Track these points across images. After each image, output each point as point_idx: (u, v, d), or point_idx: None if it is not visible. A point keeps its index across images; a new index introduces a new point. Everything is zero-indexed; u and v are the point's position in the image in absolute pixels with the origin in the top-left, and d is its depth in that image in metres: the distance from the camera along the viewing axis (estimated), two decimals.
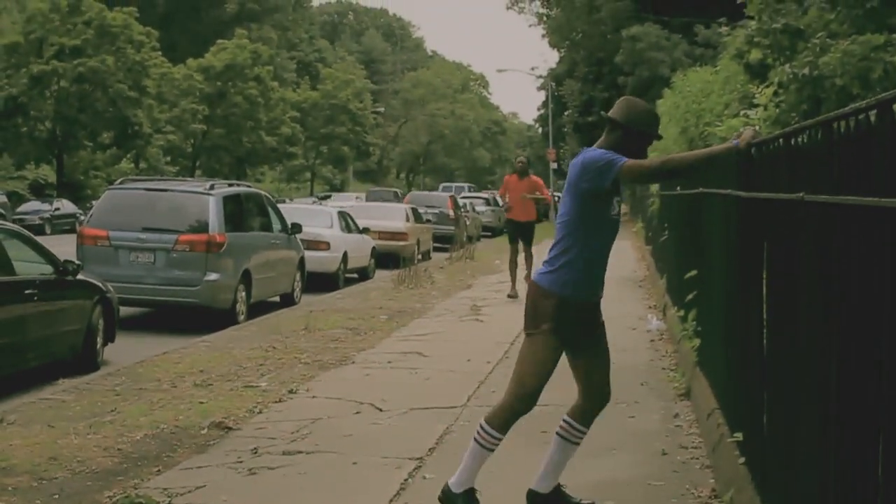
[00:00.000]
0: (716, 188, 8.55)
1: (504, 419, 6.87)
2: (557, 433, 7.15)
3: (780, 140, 5.63)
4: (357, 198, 60.69)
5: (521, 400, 6.84)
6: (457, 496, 6.93)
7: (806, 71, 10.41)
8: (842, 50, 10.26)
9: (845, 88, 10.15)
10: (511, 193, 21.65)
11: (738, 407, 7.19)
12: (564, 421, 7.13)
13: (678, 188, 13.89)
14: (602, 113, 7.14)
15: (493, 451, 6.93)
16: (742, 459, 6.83)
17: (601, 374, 7.09)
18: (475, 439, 6.91)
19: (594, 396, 7.09)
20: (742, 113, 12.13)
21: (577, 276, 6.68)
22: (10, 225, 14.54)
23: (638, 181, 6.63)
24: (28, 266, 12.90)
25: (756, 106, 11.38)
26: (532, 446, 8.26)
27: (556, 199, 78.54)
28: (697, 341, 10.67)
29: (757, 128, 7.61)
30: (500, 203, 24.10)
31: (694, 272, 10.92)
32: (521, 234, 21.76)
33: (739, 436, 6.99)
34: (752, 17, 12.88)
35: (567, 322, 6.70)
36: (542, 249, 8.98)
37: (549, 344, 6.75)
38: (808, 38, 11.31)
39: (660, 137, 7.23)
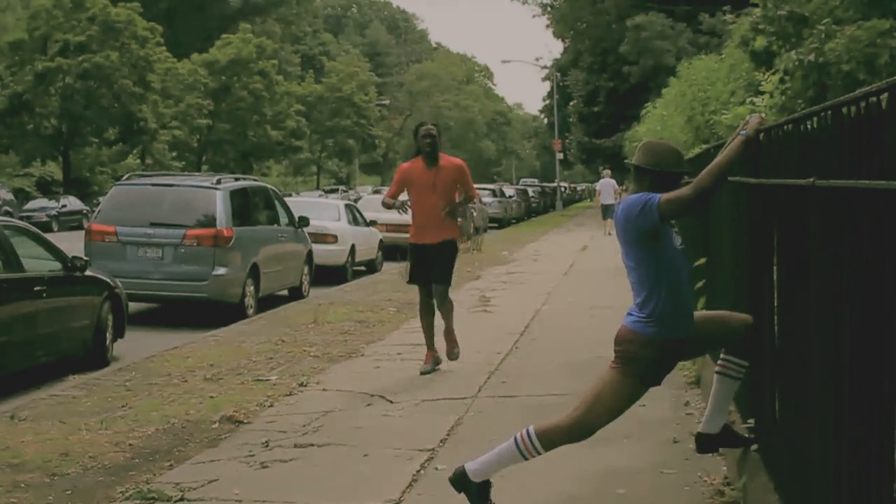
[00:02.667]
0: None
1: (555, 440, 6.82)
2: (717, 371, 7.05)
3: (790, 126, 5.61)
4: (376, 191, 60.86)
5: (582, 429, 6.80)
6: (472, 484, 6.89)
7: (812, 57, 10.40)
8: (847, 36, 10.25)
9: (851, 74, 10.14)
10: (413, 194, 12.26)
11: (750, 394, 7.18)
12: (723, 358, 7.00)
13: (686, 177, 13.84)
14: (626, 162, 7.12)
15: (528, 460, 6.87)
16: (754, 446, 6.82)
17: (722, 325, 6.95)
18: (517, 442, 6.81)
19: (737, 328, 6.94)
20: (748, 100, 12.14)
21: (672, 316, 6.55)
22: (18, 222, 14.55)
23: (681, 212, 6.54)
24: (36, 263, 12.92)
25: (762, 93, 11.38)
26: None
27: (564, 189, 78.11)
28: None
29: (763, 115, 7.57)
30: (401, 209, 12.22)
31: (702, 260, 10.91)
32: (431, 264, 12.17)
33: (751, 422, 6.99)
34: (756, 5, 12.87)
35: (662, 367, 6.66)
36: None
37: (632, 390, 6.69)
38: (814, 25, 11.30)
39: (688, 172, 7.15)
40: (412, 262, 12.42)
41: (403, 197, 12.35)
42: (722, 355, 7.05)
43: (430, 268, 12.15)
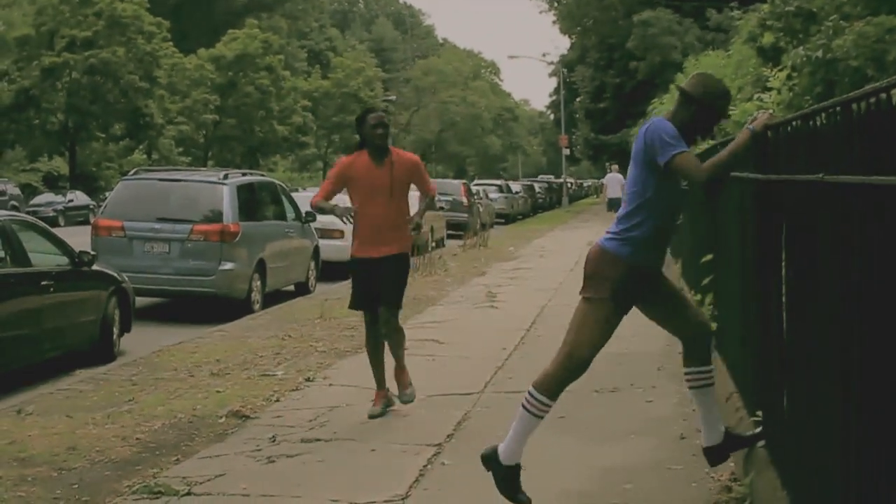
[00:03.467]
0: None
1: (554, 386, 6.77)
2: (690, 387, 7.12)
3: (798, 122, 5.61)
4: None
5: (573, 369, 6.75)
6: (503, 467, 6.84)
7: (819, 53, 10.39)
8: (856, 32, 10.24)
9: (859, 70, 10.12)
10: (357, 196, 10.01)
11: (758, 390, 7.18)
12: (686, 373, 7.05)
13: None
14: (675, 85, 7.15)
15: (542, 419, 6.82)
16: (762, 442, 6.82)
17: (684, 310, 7.02)
18: (524, 407, 6.78)
19: (693, 333, 7.00)
20: (755, 96, 12.12)
21: (646, 244, 6.66)
22: (25, 216, 14.57)
23: (683, 177, 6.58)
24: (44, 257, 12.93)
25: (769, 89, 11.37)
26: (553, 433, 8.25)
27: (570, 186, 78.16)
28: (714, 325, 10.63)
29: (771, 111, 7.57)
30: (345, 217, 9.79)
31: (709, 256, 10.90)
32: (377, 284, 9.96)
33: (759, 418, 6.98)
34: (764, 1, 12.86)
35: (628, 289, 6.67)
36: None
37: (607, 312, 6.68)
38: (821, 21, 11.29)
39: (728, 117, 7.17)
40: (354, 281, 10.26)
41: (340, 200, 9.91)
42: (686, 369, 7.10)
43: (377, 288, 9.86)
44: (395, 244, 9.95)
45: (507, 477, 6.82)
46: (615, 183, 43.59)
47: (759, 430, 6.91)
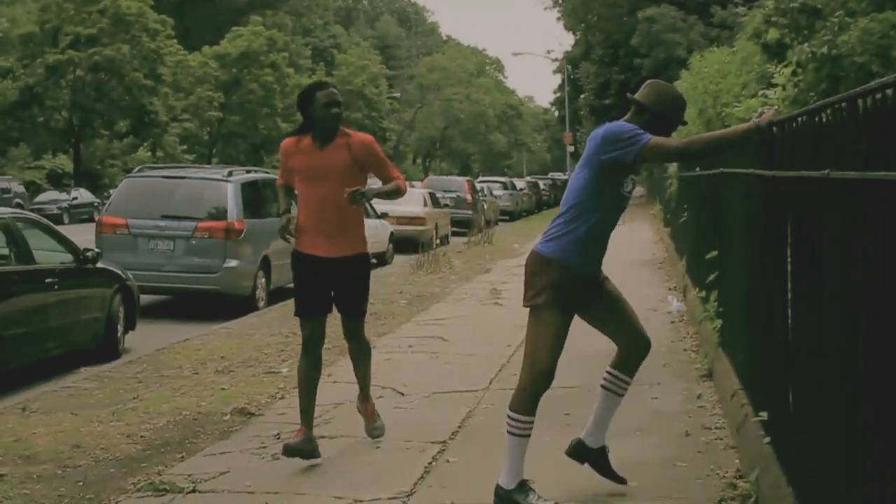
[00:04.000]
0: (736, 168, 8.51)
1: (526, 401, 6.79)
2: (602, 385, 7.18)
3: (804, 118, 5.60)
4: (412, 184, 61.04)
5: (538, 379, 6.78)
6: (511, 492, 6.84)
7: (824, 50, 10.36)
8: (861, 28, 10.21)
9: (864, 66, 10.10)
10: (301, 184, 8.54)
11: (763, 387, 7.17)
12: (608, 372, 7.12)
13: (697, 168, 13.85)
14: (628, 95, 7.12)
15: (528, 436, 6.84)
16: (767, 439, 6.80)
17: (625, 320, 7.06)
18: (508, 432, 6.81)
19: (631, 343, 7.06)
20: (760, 93, 12.09)
21: (581, 247, 6.68)
22: (29, 214, 14.59)
23: (660, 160, 6.65)
24: (48, 255, 12.94)
25: (774, 86, 11.33)
26: (557, 430, 8.25)
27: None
28: (719, 322, 10.64)
29: (777, 107, 7.57)
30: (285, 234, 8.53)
31: (715, 253, 10.89)
32: (327, 288, 8.50)
33: (764, 415, 6.97)
34: None
35: (567, 291, 6.67)
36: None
37: (553, 317, 6.71)
38: (826, 17, 11.25)
39: (685, 123, 7.20)
40: (300, 282, 8.53)
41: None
42: (608, 369, 7.16)
43: (328, 294, 8.39)
44: (352, 243, 8.41)
45: (520, 490, 6.86)
46: None
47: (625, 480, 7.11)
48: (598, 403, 7.25)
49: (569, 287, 6.68)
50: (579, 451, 7.32)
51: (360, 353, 8.83)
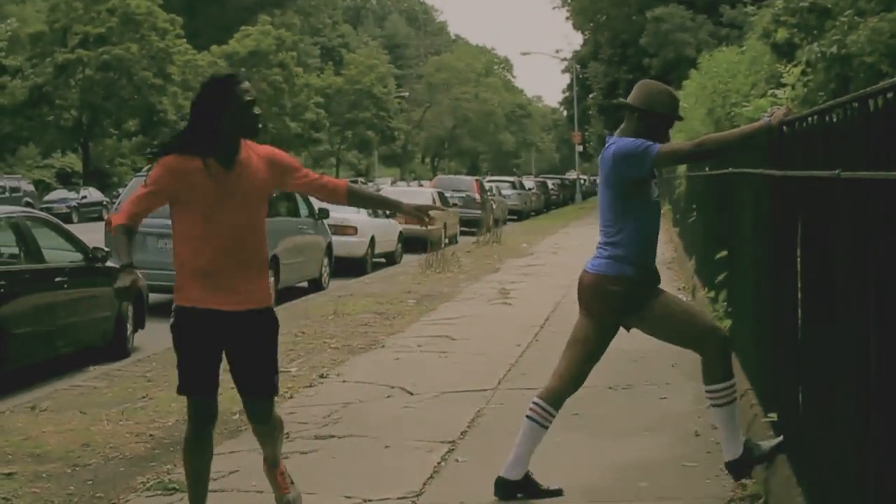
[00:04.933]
0: (746, 167, 8.50)
1: (560, 398, 7.03)
2: (712, 405, 7.04)
3: (814, 117, 5.59)
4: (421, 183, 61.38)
5: (576, 381, 7.05)
6: (516, 483, 6.99)
7: (834, 49, 10.35)
8: (870, 27, 10.19)
9: (874, 66, 10.08)
10: (190, 208, 6.34)
11: (772, 387, 7.16)
12: (707, 391, 7.00)
13: (707, 168, 13.83)
14: (620, 100, 7.15)
15: (547, 429, 7.04)
16: (774, 438, 6.80)
17: (689, 323, 6.98)
18: (531, 418, 6.98)
19: (706, 343, 6.93)
20: (769, 92, 12.07)
21: (635, 256, 6.76)
22: (39, 213, 14.61)
23: (673, 163, 6.71)
24: (57, 254, 12.95)
25: (783, 85, 11.32)
26: (566, 428, 8.25)
27: (583, 182, 78.54)
28: (729, 322, 10.62)
29: (787, 106, 7.55)
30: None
31: (724, 253, 10.87)
32: (218, 352, 6.39)
33: (774, 416, 6.96)
34: None
35: (632, 304, 6.79)
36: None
37: (606, 332, 6.94)
38: (836, 17, 11.24)
39: (681, 118, 7.20)
40: (184, 347, 6.38)
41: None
42: (705, 387, 6.97)
43: (218, 360, 6.39)
44: (261, 292, 6.37)
45: (529, 484, 6.98)
46: None
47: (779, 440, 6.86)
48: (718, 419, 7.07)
49: (633, 299, 6.80)
50: (737, 466, 7.07)
51: (270, 434, 6.71)
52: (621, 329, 7.01)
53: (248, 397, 6.53)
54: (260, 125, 6.51)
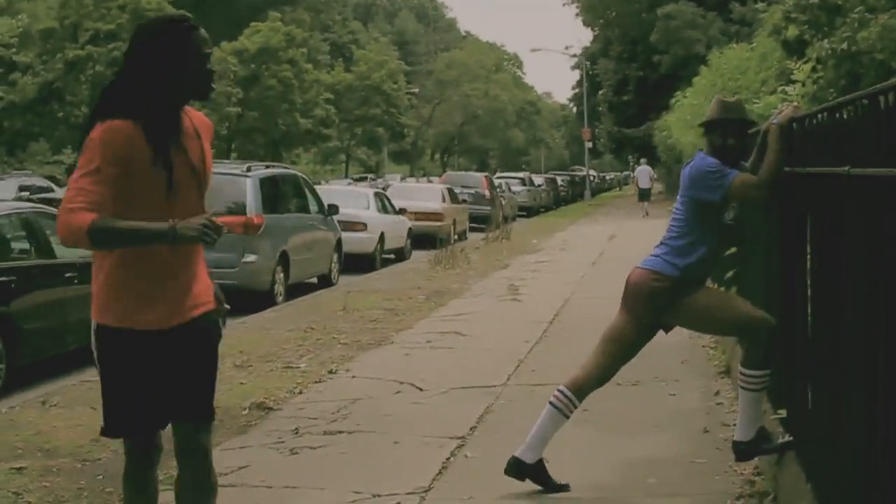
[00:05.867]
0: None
1: (585, 390, 7.17)
2: (740, 386, 7.08)
3: (824, 114, 5.59)
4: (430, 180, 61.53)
5: (604, 376, 7.21)
6: (529, 465, 7.10)
7: (844, 46, 10.36)
8: (880, 24, 10.19)
9: (884, 63, 10.09)
10: (132, 200, 4.83)
11: (781, 384, 7.16)
12: (741, 373, 7.02)
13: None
14: (700, 126, 7.28)
15: (568, 418, 7.18)
16: (786, 436, 6.80)
17: (734, 311, 7.02)
18: (553, 405, 7.10)
19: (753, 331, 6.92)
20: (779, 89, 12.07)
21: (687, 266, 6.83)
22: (49, 208, 14.61)
23: (745, 200, 6.77)
24: (68, 249, 12.95)
25: (794, 82, 11.32)
26: (574, 424, 8.25)
27: (593, 178, 78.52)
28: None
29: (795, 103, 7.57)
30: None
31: (733, 249, 10.86)
32: (158, 378, 5.06)
33: (783, 412, 6.96)
34: None
35: (672, 301, 6.86)
36: None
37: (642, 332, 7.06)
38: (846, 14, 11.23)
39: (755, 123, 7.22)
40: (118, 378, 5.16)
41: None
42: (741, 370, 7.01)
43: (161, 388, 5.07)
44: (202, 295, 5.18)
45: (541, 470, 6.98)
46: (645, 175, 48.44)
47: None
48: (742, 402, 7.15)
49: (678, 297, 6.87)
50: (743, 448, 7.14)
51: (202, 488, 5.23)
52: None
53: (183, 426, 5.13)
54: (210, 86, 5.02)
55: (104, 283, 5.08)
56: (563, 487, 7.13)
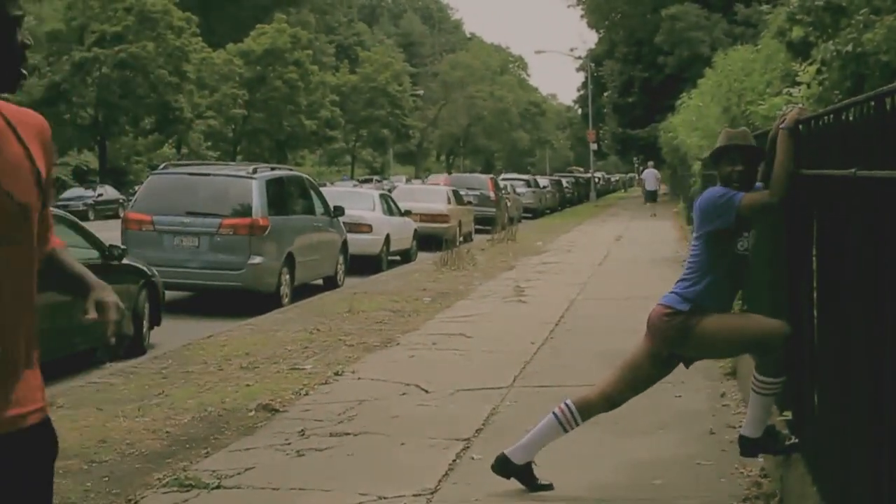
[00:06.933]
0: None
1: (592, 412, 7.15)
2: (752, 389, 7.04)
3: (830, 116, 5.59)
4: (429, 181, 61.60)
5: (614, 403, 7.18)
6: (516, 466, 7.15)
7: (849, 48, 10.32)
8: (886, 25, 10.16)
9: (890, 65, 10.06)
10: None
11: (787, 386, 7.15)
12: (755, 377, 7.02)
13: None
14: (710, 160, 7.33)
15: (566, 433, 7.18)
16: (792, 438, 6.80)
17: (748, 330, 6.99)
18: (556, 416, 7.10)
19: (770, 344, 6.93)
20: (784, 91, 12.05)
21: (702, 302, 6.80)
22: (56, 210, 14.62)
23: (759, 215, 6.79)
24: (74, 251, 12.96)
25: (799, 84, 11.30)
26: (581, 426, 8.25)
27: (598, 180, 78.67)
28: None
29: (801, 105, 7.58)
30: None
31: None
32: None
33: (788, 414, 6.96)
34: None
35: (685, 336, 6.83)
36: None
37: (656, 364, 7.04)
38: (852, 15, 11.20)
39: (763, 151, 7.24)
40: None
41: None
42: (754, 374, 7.00)
43: None
44: (31, 390, 3.42)
45: (528, 473, 7.03)
46: (651, 177, 49.01)
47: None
48: (751, 403, 7.11)
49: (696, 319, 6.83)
50: (749, 444, 7.12)
51: None
52: (638, 331, 7.03)
53: None
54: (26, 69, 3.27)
55: None
56: (547, 487, 7.20)
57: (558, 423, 7.09)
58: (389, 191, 36.21)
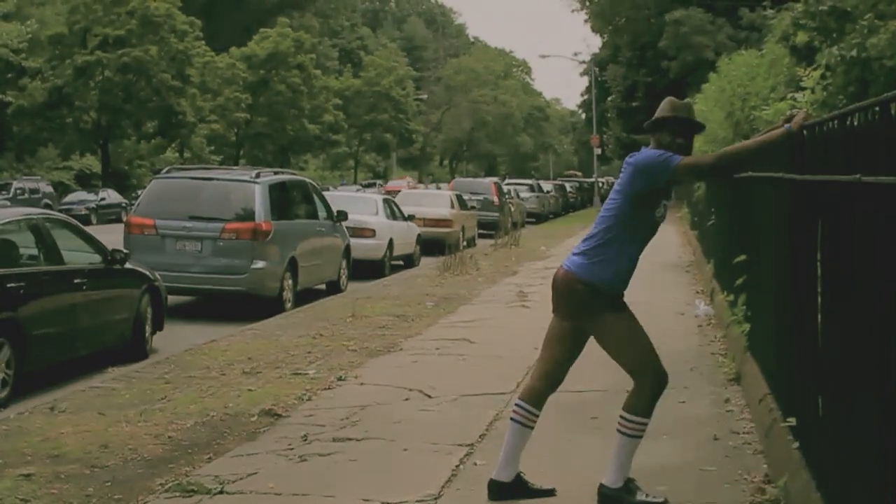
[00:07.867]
0: (765, 171, 8.48)
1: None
2: (619, 430, 7.07)
3: (835, 121, 5.57)
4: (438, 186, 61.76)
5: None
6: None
7: (854, 53, 10.32)
8: (890, 31, 10.16)
9: (894, 69, 10.05)
10: None
11: (791, 391, 7.14)
12: (621, 416, 7.02)
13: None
14: (645, 125, 7.24)
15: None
16: (795, 444, 6.77)
17: (639, 351, 7.00)
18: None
19: (645, 377, 7.00)
20: (789, 96, 12.04)
21: (613, 269, 6.79)
22: (58, 214, 14.64)
23: (696, 178, 6.78)
24: (77, 255, 12.97)
25: (803, 89, 11.29)
26: (584, 432, 8.24)
27: (602, 185, 78.89)
28: (747, 326, 10.60)
29: (806, 110, 7.56)
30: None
31: (743, 257, 10.85)
32: None
33: (793, 420, 6.94)
34: (797, 0, 12.78)
35: (592, 310, 6.84)
36: None
37: (577, 331, 7.04)
38: (856, 20, 11.20)
39: (703, 128, 7.24)
40: None
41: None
42: (621, 413, 7.01)
43: None
44: None
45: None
46: None
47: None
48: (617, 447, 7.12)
49: (596, 306, 6.81)
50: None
51: None
52: (645, 330, 7.01)
53: None
54: None
55: None
56: (549, 492, 7.17)
57: (521, 426, 7.08)
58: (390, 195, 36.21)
